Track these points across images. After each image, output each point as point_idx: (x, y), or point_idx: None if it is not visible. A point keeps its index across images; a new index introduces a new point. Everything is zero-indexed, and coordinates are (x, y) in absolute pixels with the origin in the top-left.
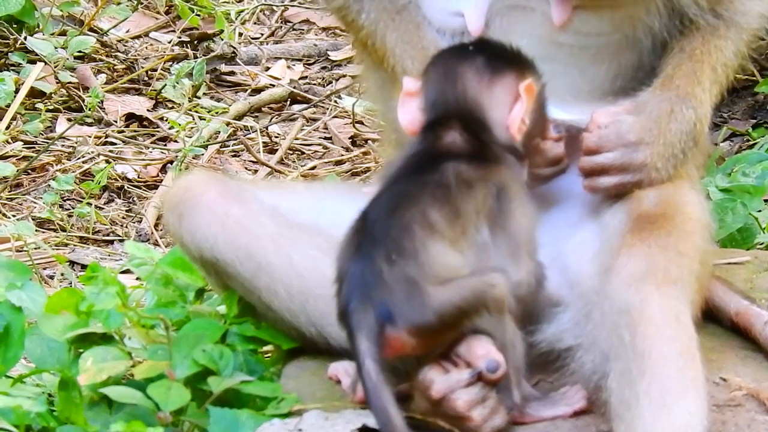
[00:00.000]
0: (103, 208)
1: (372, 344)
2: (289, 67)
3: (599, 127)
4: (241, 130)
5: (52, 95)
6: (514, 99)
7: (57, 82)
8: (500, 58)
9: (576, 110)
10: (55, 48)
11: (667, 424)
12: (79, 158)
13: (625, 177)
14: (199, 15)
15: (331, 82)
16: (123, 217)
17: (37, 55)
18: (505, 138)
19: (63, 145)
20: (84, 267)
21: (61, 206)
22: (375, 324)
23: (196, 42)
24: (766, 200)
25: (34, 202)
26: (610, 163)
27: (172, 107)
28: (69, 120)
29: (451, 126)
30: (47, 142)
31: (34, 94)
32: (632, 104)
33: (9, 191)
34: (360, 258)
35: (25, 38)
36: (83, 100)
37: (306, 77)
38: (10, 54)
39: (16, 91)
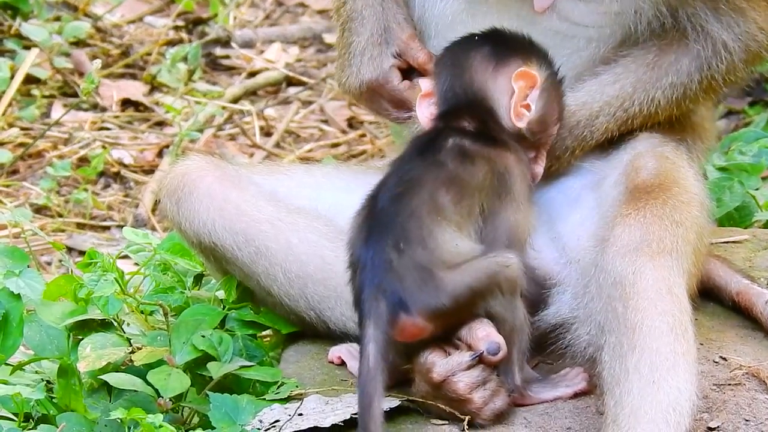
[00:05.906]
0: (99, 194)
1: (379, 331)
2: (284, 50)
3: None
4: (236, 113)
5: (48, 81)
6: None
7: (52, 68)
8: (504, 46)
9: None
10: (50, 34)
11: (656, 401)
12: (75, 144)
13: None
14: None
15: (326, 65)
16: (120, 203)
17: (31, 41)
18: (510, 125)
19: (59, 131)
20: (81, 253)
21: (57, 192)
22: (386, 312)
23: (190, 26)
24: (763, 178)
25: (31, 189)
26: None
27: (168, 92)
28: (65, 106)
29: (461, 115)
30: (43, 128)
31: (30, 80)
32: None
33: (6, 178)
34: (370, 246)
35: (20, 24)
36: (78, 86)
37: (301, 60)
38: (4, 40)
39: (12, 78)
